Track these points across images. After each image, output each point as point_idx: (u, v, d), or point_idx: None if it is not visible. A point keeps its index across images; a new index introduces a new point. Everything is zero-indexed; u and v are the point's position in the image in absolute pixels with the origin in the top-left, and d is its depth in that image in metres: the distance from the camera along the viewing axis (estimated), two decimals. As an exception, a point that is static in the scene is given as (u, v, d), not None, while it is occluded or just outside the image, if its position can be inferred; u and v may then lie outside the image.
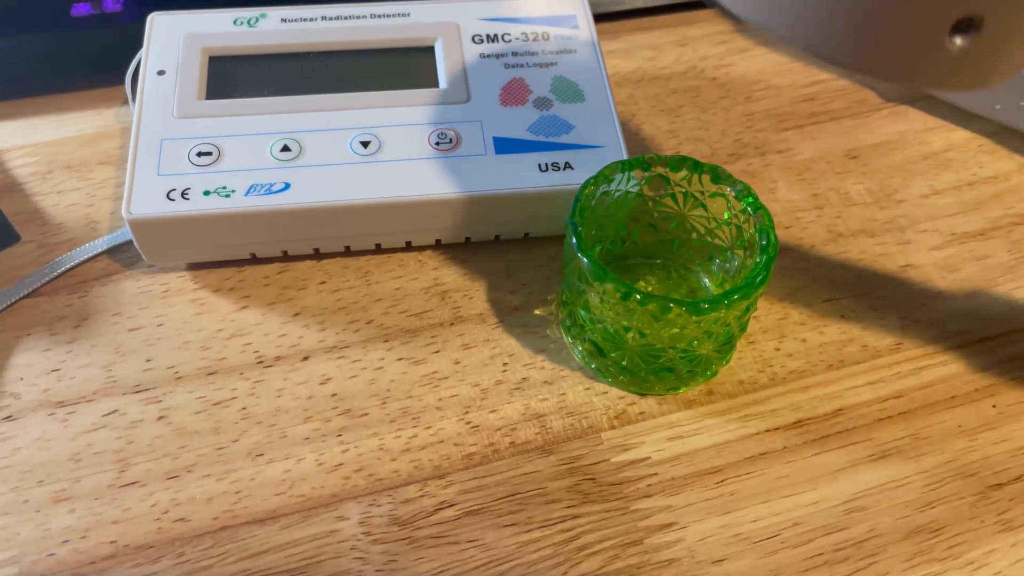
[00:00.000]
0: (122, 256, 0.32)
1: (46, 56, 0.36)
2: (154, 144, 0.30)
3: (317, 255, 0.32)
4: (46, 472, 0.27)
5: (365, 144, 0.30)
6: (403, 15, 0.34)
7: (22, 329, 0.30)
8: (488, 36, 0.34)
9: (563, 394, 0.29)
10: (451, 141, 0.31)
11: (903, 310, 0.31)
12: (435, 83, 0.33)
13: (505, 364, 0.29)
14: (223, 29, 0.33)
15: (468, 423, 0.28)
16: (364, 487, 0.27)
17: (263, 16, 0.34)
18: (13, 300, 0.30)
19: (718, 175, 0.27)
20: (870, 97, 0.38)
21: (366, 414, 0.28)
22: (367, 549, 0.25)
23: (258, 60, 0.33)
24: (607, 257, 0.31)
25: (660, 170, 0.28)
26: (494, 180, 0.30)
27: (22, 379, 0.28)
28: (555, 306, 0.31)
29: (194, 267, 0.31)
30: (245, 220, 0.29)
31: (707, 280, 0.30)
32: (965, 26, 0.17)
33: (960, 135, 0.37)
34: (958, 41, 0.18)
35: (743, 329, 0.28)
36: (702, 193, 0.28)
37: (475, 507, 0.26)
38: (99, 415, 0.28)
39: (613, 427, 0.28)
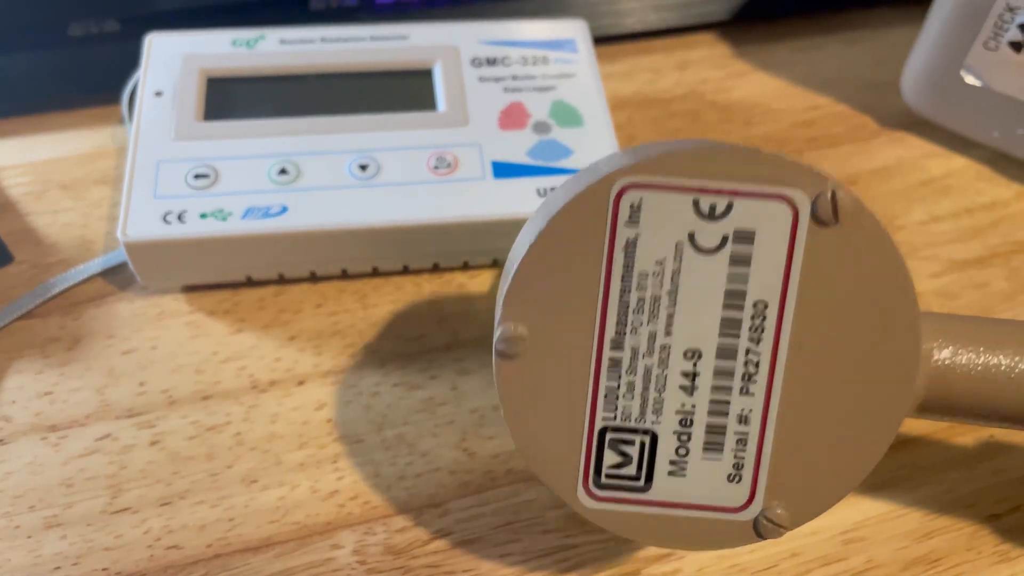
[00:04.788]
0: (116, 278, 0.31)
1: (42, 74, 0.36)
2: (151, 166, 0.30)
3: (313, 278, 0.32)
4: (38, 497, 0.26)
5: (363, 167, 0.30)
6: (402, 38, 0.34)
7: (15, 351, 0.29)
8: (487, 59, 0.34)
9: (560, 421, 0.29)
10: (449, 165, 0.31)
11: (901, 338, 0.31)
12: (434, 106, 0.33)
13: (502, 390, 0.29)
14: (222, 50, 0.33)
15: (464, 450, 0.28)
16: (359, 515, 0.26)
17: (262, 37, 0.34)
18: (6, 321, 0.30)
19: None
20: (867, 122, 0.38)
21: (361, 441, 0.28)
22: (361, 579, 0.25)
23: (257, 82, 0.33)
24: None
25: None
26: (492, 205, 0.30)
27: (14, 402, 0.28)
28: None
29: (189, 289, 0.31)
30: (242, 243, 0.29)
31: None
32: None
33: (959, 162, 0.37)
34: None
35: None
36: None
37: (471, 536, 0.26)
38: (92, 439, 0.27)
39: (610, 455, 0.28)
